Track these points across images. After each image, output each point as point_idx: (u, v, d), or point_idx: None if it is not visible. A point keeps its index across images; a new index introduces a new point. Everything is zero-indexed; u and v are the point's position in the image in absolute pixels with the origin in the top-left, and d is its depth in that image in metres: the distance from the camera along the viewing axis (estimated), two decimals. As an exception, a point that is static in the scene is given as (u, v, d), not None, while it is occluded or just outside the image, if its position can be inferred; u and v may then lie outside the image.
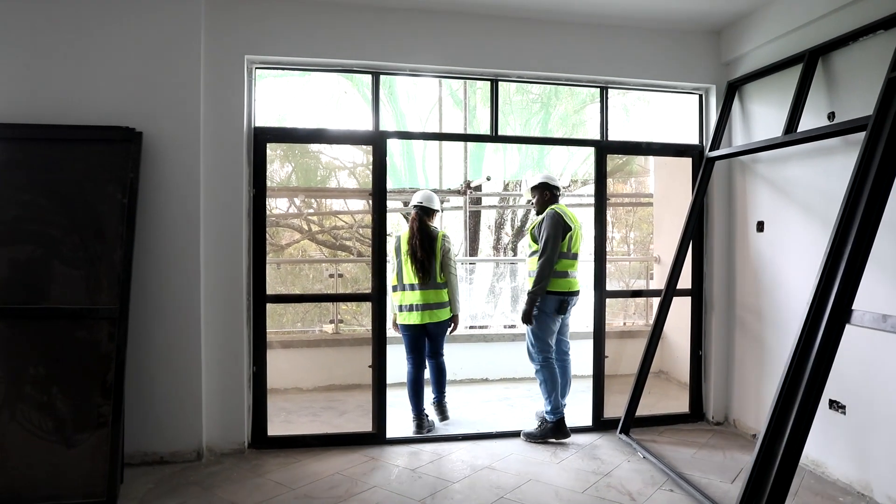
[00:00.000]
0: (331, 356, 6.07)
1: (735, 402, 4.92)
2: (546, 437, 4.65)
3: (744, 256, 4.81)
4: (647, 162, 13.31)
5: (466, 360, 6.32)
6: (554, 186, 4.86)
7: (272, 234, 10.37)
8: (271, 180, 9.88)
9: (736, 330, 4.92)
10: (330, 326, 6.15)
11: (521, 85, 11.90)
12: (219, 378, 4.26)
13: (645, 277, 8.24)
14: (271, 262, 6.55)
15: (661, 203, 6.49)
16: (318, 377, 5.98)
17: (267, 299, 4.45)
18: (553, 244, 4.52)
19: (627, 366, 6.05)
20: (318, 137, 4.78)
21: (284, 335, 6.41)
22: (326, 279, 6.33)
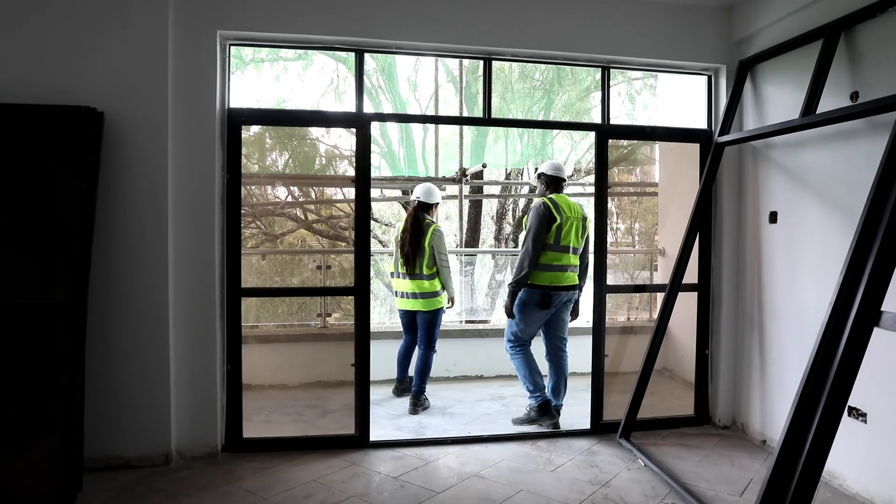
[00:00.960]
0: (318, 351, 5.74)
1: (743, 405, 4.57)
2: (532, 421, 4.67)
3: (754, 249, 4.44)
4: (653, 151, 12.93)
5: (461, 356, 5.99)
6: (553, 176, 4.74)
7: (267, 223, 10.08)
8: (266, 169, 9.55)
9: (745, 328, 4.55)
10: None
11: (524, 72, 11.55)
12: (189, 377, 3.94)
13: (650, 270, 7.89)
14: (249, 252, 6.18)
15: (666, 192, 6.11)
16: (305, 373, 5.66)
17: (242, 293, 4.12)
18: (533, 236, 4.50)
19: (629, 363, 5.70)
20: (295, 119, 4.42)
21: (271, 329, 6.10)
22: (313, 271, 6.00)
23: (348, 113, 4.19)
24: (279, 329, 6.11)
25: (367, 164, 4.15)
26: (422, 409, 5.07)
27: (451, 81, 10.99)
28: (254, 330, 6.02)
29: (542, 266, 4.54)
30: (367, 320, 4.24)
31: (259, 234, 9.16)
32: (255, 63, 9.81)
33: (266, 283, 7.03)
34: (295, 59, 9.27)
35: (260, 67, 10.00)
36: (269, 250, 7.67)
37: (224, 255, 4.05)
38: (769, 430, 4.28)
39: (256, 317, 6.73)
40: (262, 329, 6.10)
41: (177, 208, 3.86)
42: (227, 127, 4.03)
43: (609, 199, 4.62)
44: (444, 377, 5.92)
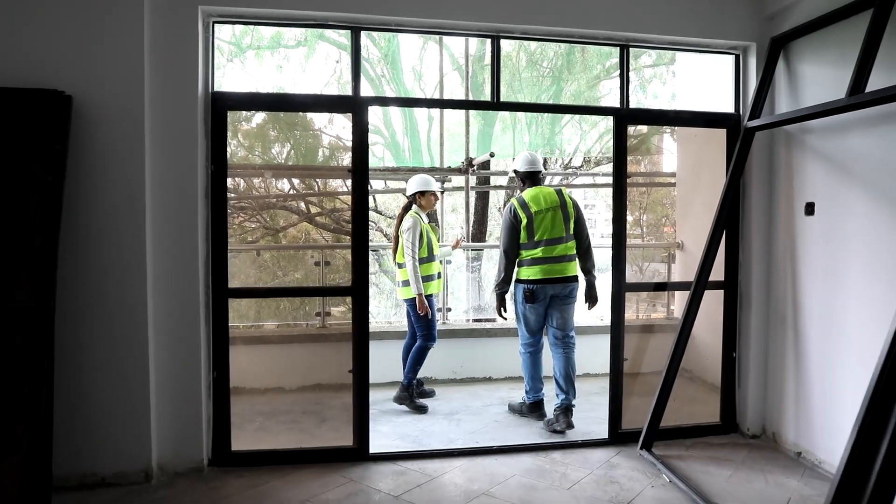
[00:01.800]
0: (317, 352, 5.36)
1: (774, 412, 4.16)
2: (522, 415, 4.70)
3: (787, 244, 4.02)
4: (662, 141, 12.46)
5: (468, 357, 5.59)
6: (526, 172, 4.64)
7: (269, 216, 9.70)
8: (271, 161, 9.15)
9: (776, 329, 4.14)
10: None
11: (532, 59, 11.10)
12: (171, 386, 3.57)
13: (665, 262, 7.48)
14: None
15: (685, 183, 5.68)
16: (303, 376, 5.27)
17: (229, 293, 3.73)
18: (504, 242, 4.54)
19: (648, 363, 5.29)
20: (286, 104, 4.00)
21: (266, 330, 5.72)
22: (312, 268, 5.61)
23: (343, 96, 3.79)
24: (276, 330, 5.74)
25: (364, 151, 3.75)
26: (407, 403, 4.87)
27: (456, 70, 10.56)
28: (248, 331, 5.65)
29: (525, 262, 4.50)
30: (366, 322, 3.85)
31: (260, 228, 8.81)
32: (255, 53, 9.42)
33: (265, 280, 6.67)
34: (295, 47, 8.85)
35: (261, 57, 9.61)
36: (262, 246, 7.27)
37: (209, 253, 3.67)
38: (805, 441, 3.87)
39: (257, 315, 6.36)
40: (258, 330, 5.72)
41: (155, 202, 3.48)
42: (212, 112, 3.63)
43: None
44: (450, 379, 5.54)
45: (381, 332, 5.45)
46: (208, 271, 3.67)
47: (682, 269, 5.63)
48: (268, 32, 9.15)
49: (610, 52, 10.96)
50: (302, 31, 9.12)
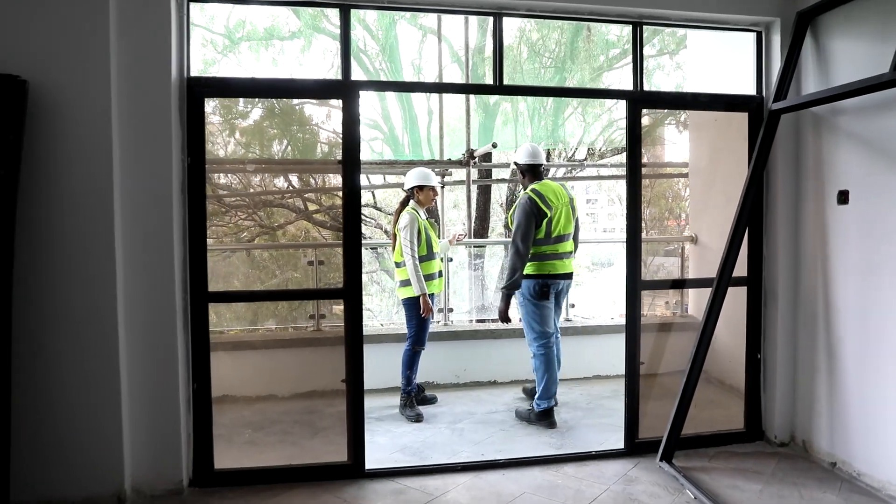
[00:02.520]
0: (311, 357, 5.01)
1: (803, 418, 3.80)
2: (531, 422, 4.34)
3: (818, 235, 3.66)
4: (664, 131, 12.06)
5: (471, 360, 5.22)
6: (528, 164, 4.40)
7: (266, 214, 9.33)
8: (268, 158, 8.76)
9: (805, 328, 3.78)
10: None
11: (534, 49, 10.70)
12: (146, 400, 3.21)
13: (671, 256, 7.13)
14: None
15: (698, 174, 5.30)
16: (296, 382, 4.92)
17: (209, 297, 3.38)
18: (522, 235, 4.18)
19: (664, 363, 4.94)
20: (268, 89, 3.62)
21: (258, 335, 5.37)
22: (304, 267, 5.25)
23: (332, 81, 3.44)
24: (268, 334, 5.38)
25: (355, 142, 3.39)
26: (401, 410, 4.55)
27: (455, 62, 10.19)
28: (239, 335, 5.30)
29: (537, 256, 4.28)
30: (360, 327, 3.49)
31: (255, 227, 8.44)
32: (250, 46, 9.06)
33: (260, 281, 6.31)
34: (290, 38, 8.48)
35: (256, 51, 9.25)
36: (248, 245, 6.88)
37: (186, 254, 3.31)
38: (841, 450, 3.51)
39: (252, 318, 5.99)
40: (249, 334, 5.37)
41: (126, 198, 3.13)
42: (188, 100, 3.27)
43: (623, 179, 3.88)
44: (453, 384, 5.18)
45: (379, 335, 5.09)
46: (185, 274, 3.32)
47: (696, 263, 5.26)
48: (262, 23, 8.80)
49: (615, 40, 10.64)
50: (297, 24, 8.77)
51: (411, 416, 4.45)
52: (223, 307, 5.15)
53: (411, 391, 4.55)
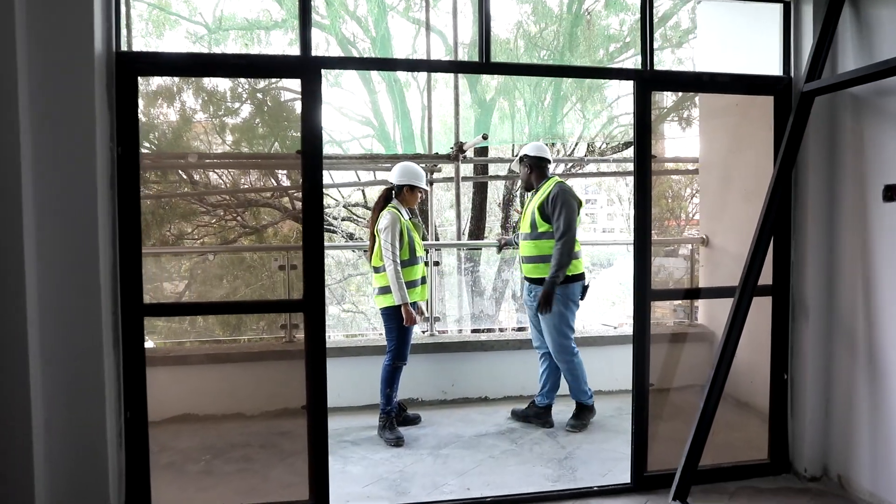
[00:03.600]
0: (283, 371, 4.45)
1: (840, 450, 3.22)
2: (584, 426, 4.09)
3: (857, 238, 3.09)
4: (664, 127, 11.51)
5: (460, 375, 4.64)
6: (538, 157, 4.11)
7: (252, 214, 8.78)
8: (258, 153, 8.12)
9: (842, 345, 3.21)
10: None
11: (531, 42, 10.13)
12: (66, 434, 2.65)
13: (672, 256, 6.57)
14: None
15: (709, 168, 4.73)
16: (266, 399, 4.37)
17: (144, 311, 2.82)
18: (574, 225, 3.88)
19: (670, 378, 4.39)
20: (214, 66, 3.02)
21: (223, 348, 4.81)
22: (274, 272, 4.68)
23: (289, 57, 2.86)
24: (235, 346, 4.82)
25: (315, 128, 2.83)
26: (379, 432, 3.99)
27: (450, 56, 9.63)
28: (202, 347, 4.74)
29: (577, 255, 3.98)
30: (323, 345, 2.93)
31: (237, 227, 7.89)
32: (235, 38, 8.48)
33: (222, 289, 5.75)
34: (274, 28, 7.89)
35: (248, 47, 8.66)
36: (206, 248, 6.30)
37: (116, 261, 2.75)
38: (886, 488, 2.94)
39: (223, 328, 5.43)
40: (215, 346, 4.81)
41: (39, 197, 2.55)
42: (117, 78, 2.71)
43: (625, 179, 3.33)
44: (439, 401, 4.60)
45: (359, 347, 4.53)
46: (116, 284, 2.76)
47: (708, 268, 4.68)
48: (248, 14, 8.22)
49: (616, 33, 10.06)
50: (282, 13, 8.18)
51: (391, 440, 3.89)
52: (177, 320, 4.59)
53: (391, 411, 3.98)
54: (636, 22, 9.30)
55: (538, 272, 4.01)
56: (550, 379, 4.18)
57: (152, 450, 3.75)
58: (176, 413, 4.23)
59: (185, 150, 6.50)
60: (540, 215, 3.95)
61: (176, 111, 7.70)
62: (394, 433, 3.92)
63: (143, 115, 7.34)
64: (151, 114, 6.96)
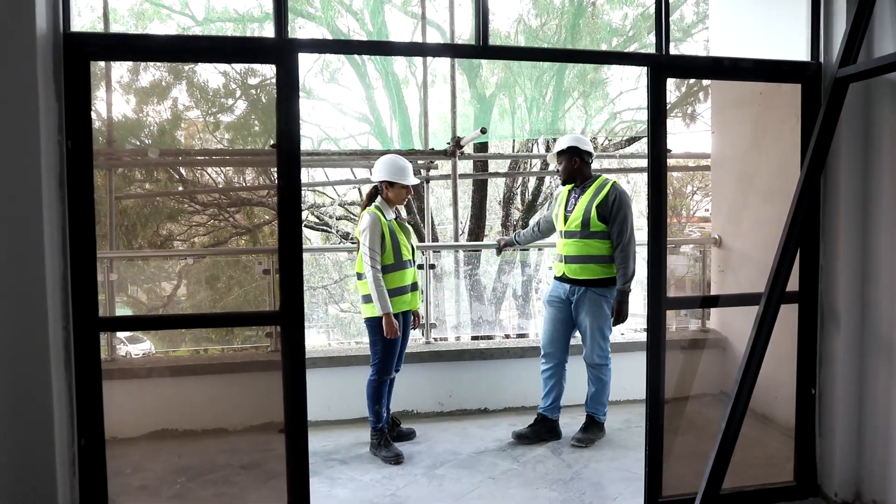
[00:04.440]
0: (269, 383, 4.10)
1: (875, 472, 2.88)
2: (595, 439, 3.82)
3: (895, 240, 2.74)
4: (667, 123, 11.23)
5: (458, 385, 4.29)
6: (589, 152, 3.80)
7: (246, 213, 8.44)
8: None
9: (876, 358, 2.87)
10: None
11: (532, 35, 9.77)
12: (10, 466, 2.32)
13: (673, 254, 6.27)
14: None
15: (722, 164, 4.38)
16: (251, 412, 4.03)
17: (100, 325, 2.48)
18: (634, 230, 3.68)
19: (686, 385, 4.05)
20: (177, 51, 2.62)
21: (204, 358, 4.48)
22: (261, 276, 4.33)
23: (263, 40, 2.52)
24: (218, 356, 4.48)
25: (292, 120, 2.49)
26: (374, 451, 3.66)
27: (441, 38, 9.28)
28: (181, 357, 4.41)
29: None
30: (301, 362, 2.61)
31: (229, 228, 7.55)
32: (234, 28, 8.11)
33: (213, 292, 5.42)
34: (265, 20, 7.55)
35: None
36: (182, 251, 5.96)
37: (67, 269, 2.42)
38: (929, 521, 2.61)
39: (206, 336, 5.09)
40: (194, 357, 4.48)
41: (-25, 195, 2.24)
42: (65, 63, 2.38)
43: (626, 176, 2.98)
44: (435, 413, 4.26)
45: (348, 357, 4.19)
46: (66, 296, 2.42)
47: (723, 271, 4.34)
48: (240, 8, 7.86)
49: (619, 27, 9.70)
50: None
51: (389, 458, 3.55)
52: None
53: (383, 428, 3.65)
54: (640, 15, 8.95)
55: (586, 273, 3.68)
56: (556, 389, 3.85)
57: (124, 471, 3.46)
58: (153, 428, 3.90)
59: (170, 147, 6.15)
60: (597, 215, 3.63)
61: (167, 108, 7.38)
62: (390, 450, 3.58)
63: (134, 111, 7.03)
64: (136, 108, 6.64)
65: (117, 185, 6.22)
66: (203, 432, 3.98)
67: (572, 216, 3.74)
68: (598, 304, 3.69)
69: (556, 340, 3.82)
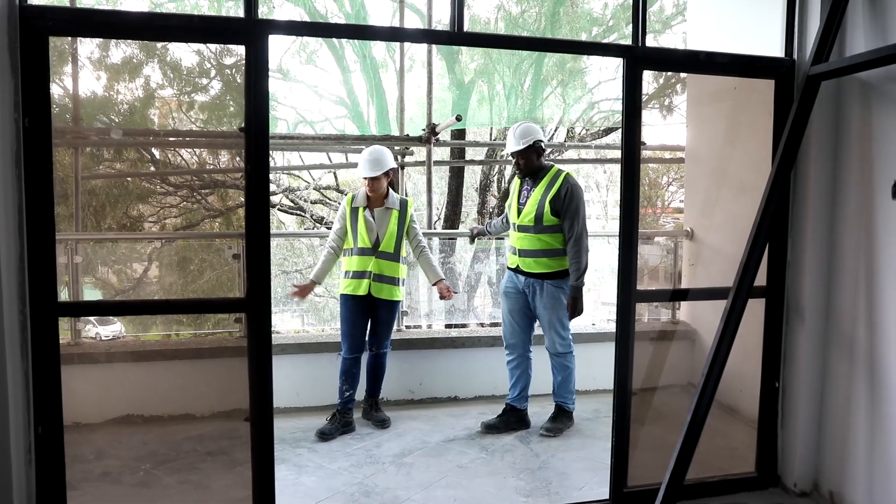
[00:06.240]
0: (238, 369, 4.03)
1: (833, 464, 2.94)
2: (564, 428, 3.81)
3: (861, 238, 2.77)
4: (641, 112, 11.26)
5: (428, 373, 4.27)
6: (542, 141, 3.71)
7: (219, 196, 8.28)
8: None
9: (840, 353, 2.90)
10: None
11: (511, 22, 9.69)
12: (-38, 454, 2.25)
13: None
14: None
15: (696, 158, 4.40)
16: (218, 399, 3.97)
17: (59, 310, 2.39)
18: (585, 222, 3.64)
19: (650, 378, 4.08)
20: (140, 28, 2.51)
21: (171, 343, 4.39)
22: (230, 261, 4.24)
23: (231, 19, 2.44)
24: (184, 341, 4.40)
25: (262, 102, 2.41)
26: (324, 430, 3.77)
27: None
28: (146, 343, 4.32)
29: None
30: (267, 351, 2.56)
31: (201, 210, 7.40)
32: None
33: (184, 276, 5.31)
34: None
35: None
36: (147, 234, 5.82)
37: (24, 252, 2.33)
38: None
39: (172, 321, 4.97)
40: (160, 342, 4.38)
41: (-75, 173, 2.13)
42: (22, 38, 2.26)
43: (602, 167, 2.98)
44: (406, 400, 4.24)
45: (318, 344, 4.14)
46: (23, 279, 2.33)
47: (694, 264, 4.37)
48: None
49: (599, 17, 9.66)
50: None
51: (318, 433, 3.70)
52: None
53: (338, 407, 3.73)
54: (620, 5, 8.92)
55: (540, 267, 3.65)
56: (522, 379, 3.85)
57: (86, 457, 3.38)
58: (118, 414, 3.82)
59: (141, 126, 5.98)
60: (551, 209, 3.58)
61: (138, 86, 7.17)
62: (324, 428, 3.73)
63: (104, 88, 6.82)
64: (106, 85, 6.44)
65: (85, 164, 6.06)
66: (169, 418, 3.91)
67: (525, 210, 3.68)
68: (555, 295, 3.66)
69: (517, 331, 3.81)
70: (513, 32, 9.09)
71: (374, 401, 3.93)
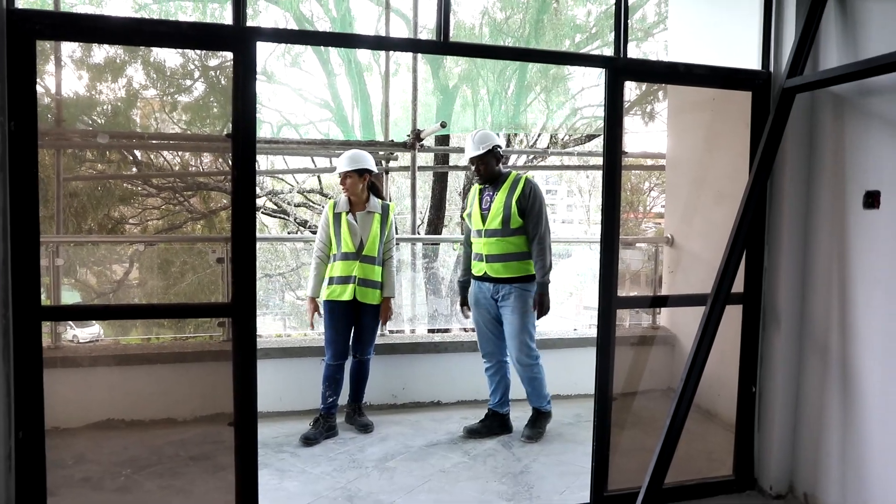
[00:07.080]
0: (220, 372, 4.03)
1: (808, 467, 3.02)
2: (544, 430, 3.88)
3: (834, 246, 2.86)
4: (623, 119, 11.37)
5: (411, 378, 4.31)
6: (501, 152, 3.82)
7: (202, 198, 8.24)
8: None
9: (813, 358, 2.99)
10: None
11: (496, 29, 9.77)
12: (-58, 458, 2.24)
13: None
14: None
15: (677, 166, 4.48)
16: (200, 403, 3.97)
17: (42, 314, 2.39)
18: (549, 224, 3.71)
19: (631, 382, 4.15)
20: (126, 34, 2.52)
21: (153, 347, 4.37)
22: (213, 265, 4.25)
23: (219, 26, 2.46)
24: (167, 345, 4.38)
25: (249, 108, 2.44)
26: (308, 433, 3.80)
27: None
28: (129, 347, 4.30)
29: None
30: (252, 356, 2.57)
31: (184, 213, 7.36)
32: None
33: (165, 279, 5.28)
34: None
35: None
36: (133, 237, 5.80)
37: (7, 256, 2.32)
38: (853, 511, 2.74)
39: (156, 324, 4.96)
40: (143, 346, 4.37)
41: None
42: (8, 41, 2.27)
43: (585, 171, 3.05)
44: (389, 405, 4.27)
45: (301, 348, 4.16)
46: (6, 282, 2.33)
47: (673, 271, 4.45)
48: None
49: (582, 24, 9.78)
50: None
51: (301, 439, 3.71)
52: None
53: (320, 410, 3.76)
54: (604, 12, 9.04)
55: (509, 271, 3.68)
56: (502, 385, 3.89)
57: (66, 462, 3.36)
58: (99, 418, 3.80)
59: (125, 128, 5.94)
60: (518, 210, 3.63)
61: (121, 86, 7.12)
62: (307, 433, 3.73)
63: (87, 89, 6.76)
64: (89, 86, 6.39)
65: (67, 165, 6.00)
66: (151, 423, 3.89)
67: (491, 214, 3.71)
68: (524, 300, 3.70)
69: (492, 339, 3.85)
70: (497, 38, 9.17)
71: (358, 405, 3.96)
